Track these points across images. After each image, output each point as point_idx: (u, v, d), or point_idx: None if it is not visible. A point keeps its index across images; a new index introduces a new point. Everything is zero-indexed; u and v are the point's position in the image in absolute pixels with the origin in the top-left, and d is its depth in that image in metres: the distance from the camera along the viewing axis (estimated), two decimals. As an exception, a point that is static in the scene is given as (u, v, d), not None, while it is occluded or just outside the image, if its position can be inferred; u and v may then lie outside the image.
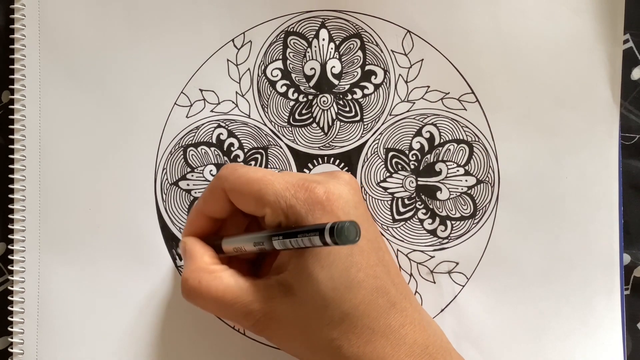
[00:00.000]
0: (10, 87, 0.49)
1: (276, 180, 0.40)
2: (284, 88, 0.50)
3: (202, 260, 0.42)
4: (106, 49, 0.49)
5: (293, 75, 0.50)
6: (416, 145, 0.50)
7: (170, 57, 0.49)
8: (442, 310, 0.49)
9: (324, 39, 0.50)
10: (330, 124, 0.50)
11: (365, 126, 0.50)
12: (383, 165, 0.49)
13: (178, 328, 0.49)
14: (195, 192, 0.50)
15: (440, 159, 0.49)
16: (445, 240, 0.49)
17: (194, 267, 0.42)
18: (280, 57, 0.50)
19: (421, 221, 0.49)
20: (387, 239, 0.49)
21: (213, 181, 0.43)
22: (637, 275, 0.50)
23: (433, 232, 0.49)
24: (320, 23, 0.50)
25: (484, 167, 0.49)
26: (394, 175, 0.50)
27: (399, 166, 0.49)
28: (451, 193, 0.49)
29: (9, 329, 0.49)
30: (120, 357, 0.49)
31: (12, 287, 0.49)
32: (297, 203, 0.39)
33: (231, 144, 0.50)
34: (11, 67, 0.49)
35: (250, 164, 0.50)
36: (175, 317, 0.49)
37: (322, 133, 0.50)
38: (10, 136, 0.49)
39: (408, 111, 0.50)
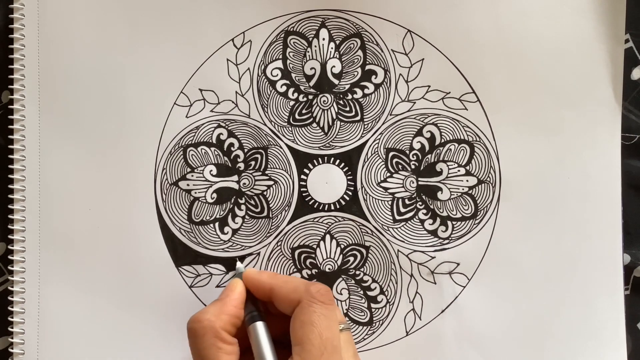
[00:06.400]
0: (10, 87, 0.49)
1: None
2: (284, 88, 0.50)
3: (223, 317, 0.42)
4: (106, 49, 0.49)
5: (293, 75, 0.50)
6: (417, 145, 0.49)
7: (169, 56, 0.49)
8: (442, 311, 0.49)
9: (324, 39, 0.50)
10: (331, 123, 0.49)
11: (366, 126, 0.49)
12: (383, 165, 0.49)
13: (178, 327, 0.49)
14: (195, 192, 0.49)
15: (441, 159, 0.49)
16: (446, 241, 0.49)
17: (210, 316, 0.42)
18: (280, 57, 0.50)
19: (422, 221, 0.49)
20: (387, 240, 0.49)
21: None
22: (637, 275, 0.50)
23: (434, 233, 0.49)
24: (320, 22, 0.50)
25: (485, 167, 0.49)
26: (394, 175, 0.49)
27: (400, 166, 0.49)
28: (452, 193, 0.49)
29: (9, 329, 0.49)
30: (120, 356, 0.49)
31: (12, 287, 0.49)
32: None
33: (231, 144, 0.50)
34: (10, 67, 0.49)
35: (250, 165, 0.49)
36: (175, 316, 0.49)
37: (322, 133, 0.50)
38: (10, 136, 0.49)
39: (409, 111, 0.49)
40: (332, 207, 0.49)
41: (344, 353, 0.41)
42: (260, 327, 0.42)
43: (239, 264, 0.48)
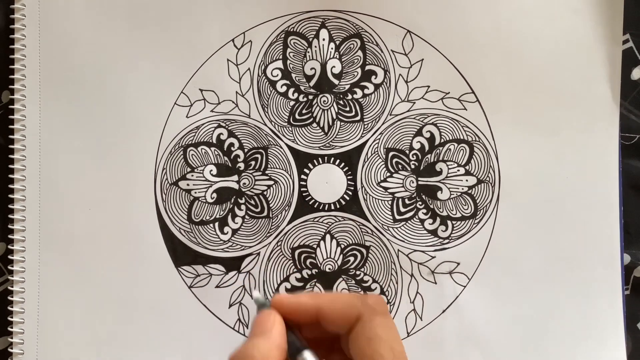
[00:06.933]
0: (11, 87, 0.49)
1: None
2: (284, 88, 0.50)
3: (272, 353, 0.37)
4: (106, 49, 0.49)
5: (293, 75, 0.50)
6: (416, 145, 0.50)
7: (170, 57, 0.49)
8: (443, 311, 0.49)
9: (324, 39, 0.50)
10: (331, 123, 0.50)
11: (366, 126, 0.50)
12: (383, 165, 0.49)
13: (177, 327, 0.49)
14: (195, 192, 0.49)
15: (440, 158, 0.49)
16: (446, 241, 0.49)
17: (261, 351, 0.37)
18: (281, 57, 0.50)
19: (422, 221, 0.49)
20: (387, 239, 0.49)
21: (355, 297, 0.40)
22: (637, 275, 0.50)
23: (434, 232, 0.49)
24: (320, 23, 0.50)
25: (485, 167, 0.49)
26: (394, 175, 0.49)
27: (400, 166, 0.49)
28: (452, 193, 0.49)
29: (9, 329, 0.49)
30: (119, 356, 0.49)
31: (12, 287, 0.49)
32: None
33: (231, 144, 0.50)
34: (11, 67, 0.49)
35: (250, 164, 0.49)
36: (175, 316, 0.49)
37: (323, 133, 0.50)
38: (10, 136, 0.49)
39: (408, 111, 0.50)
40: (332, 207, 0.49)
41: None
42: (309, 356, 0.38)
43: (255, 294, 0.43)
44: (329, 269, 0.49)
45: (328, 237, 0.49)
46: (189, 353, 0.49)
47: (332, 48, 0.50)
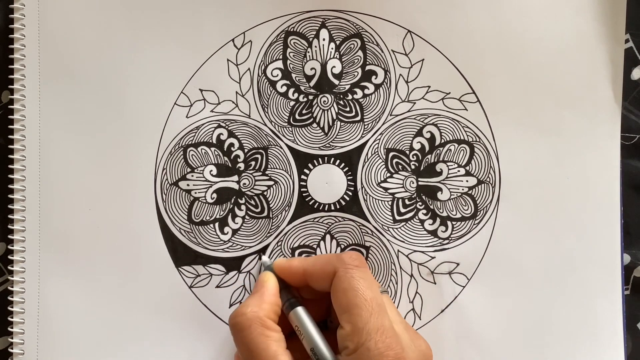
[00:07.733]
0: (10, 87, 0.49)
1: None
2: (284, 88, 0.50)
3: (265, 307, 0.43)
4: (106, 49, 0.49)
5: (293, 75, 0.50)
6: (417, 146, 0.50)
7: (170, 57, 0.49)
8: (442, 311, 0.49)
9: (324, 39, 0.50)
10: (331, 124, 0.50)
11: (366, 126, 0.50)
12: (383, 166, 0.49)
13: (178, 327, 0.49)
14: (195, 192, 0.49)
15: (441, 159, 0.49)
16: (446, 241, 0.49)
17: (252, 307, 0.42)
18: (281, 57, 0.50)
19: (422, 222, 0.49)
20: (387, 240, 0.49)
21: (334, 256, 0.44)
22: (637, 275, 0.50)
23: (434, 233, 0.49)
24: (320, 23, 0.50)
25: (485, 168, 0.49)
26: (394, 175, 0.49)
27: (400, 166, 0.49)
28: (452, 193, 0.49)
29: (9, 329, 0.49)
30: (120, 356, 0.49)
31: (12, 287, 0.49)
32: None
33: (231, 144, 0.50)
34: (11, 67, 0.49)
35: (250, 165, 0.49)
36: (175, 316, 0.49)
37: (323, 133, 0.50)
38: (10, 136, 0.49)
39: (409, 111, 0.50)
40: (332, 207, 0.49)
41: (388, 311, 0.42)
42: (301, 311, 0.43)
43: (264, 258, 0.49)
44: (329, 269, 0.49)
45: (328, 237, 0.49)
46: (189, 353, 0.49)
47: (332, 48, 0.50)
